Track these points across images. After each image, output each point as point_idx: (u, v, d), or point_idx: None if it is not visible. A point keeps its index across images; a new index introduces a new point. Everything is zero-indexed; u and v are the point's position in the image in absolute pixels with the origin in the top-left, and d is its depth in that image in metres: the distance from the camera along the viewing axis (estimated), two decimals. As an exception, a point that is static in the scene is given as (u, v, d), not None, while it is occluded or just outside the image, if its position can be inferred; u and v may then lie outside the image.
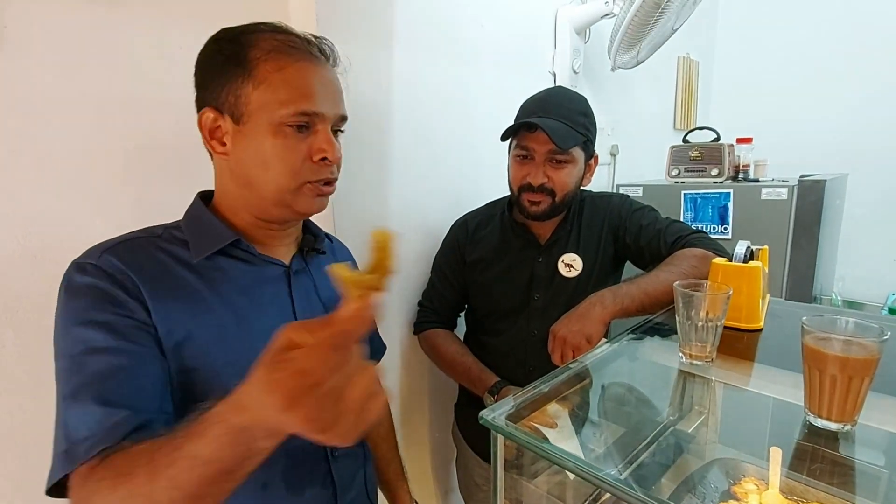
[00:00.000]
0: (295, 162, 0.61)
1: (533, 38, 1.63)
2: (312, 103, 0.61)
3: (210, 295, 0.61)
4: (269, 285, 0.67)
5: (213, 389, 0.55)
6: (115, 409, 0.50)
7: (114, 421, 0.49)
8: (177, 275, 0.60)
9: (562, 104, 1.03)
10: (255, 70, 0.59)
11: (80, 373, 0.51)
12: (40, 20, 0.75)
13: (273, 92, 0.59)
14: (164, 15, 0.86)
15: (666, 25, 1.62)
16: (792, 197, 1.64)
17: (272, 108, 0.59)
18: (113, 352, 0.52)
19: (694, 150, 1.86)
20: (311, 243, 0.74)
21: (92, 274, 0.55)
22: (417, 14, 1.21)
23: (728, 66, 2.95)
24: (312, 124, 0.62)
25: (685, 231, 1.03)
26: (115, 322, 0.54)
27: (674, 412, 0.71)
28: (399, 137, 1.20)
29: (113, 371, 0.52)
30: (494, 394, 1.05)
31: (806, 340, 0.54)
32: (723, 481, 0.59)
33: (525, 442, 0.54)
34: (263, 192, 0.63)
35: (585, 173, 1.10)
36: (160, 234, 0.63)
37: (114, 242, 0.60)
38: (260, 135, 0.60)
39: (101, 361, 0.52)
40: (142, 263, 0.58)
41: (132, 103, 0.84)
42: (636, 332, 0.84)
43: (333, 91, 0.65)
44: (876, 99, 2.47)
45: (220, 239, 0.63)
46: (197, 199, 0.68)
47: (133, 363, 0.53)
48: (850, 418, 0.53)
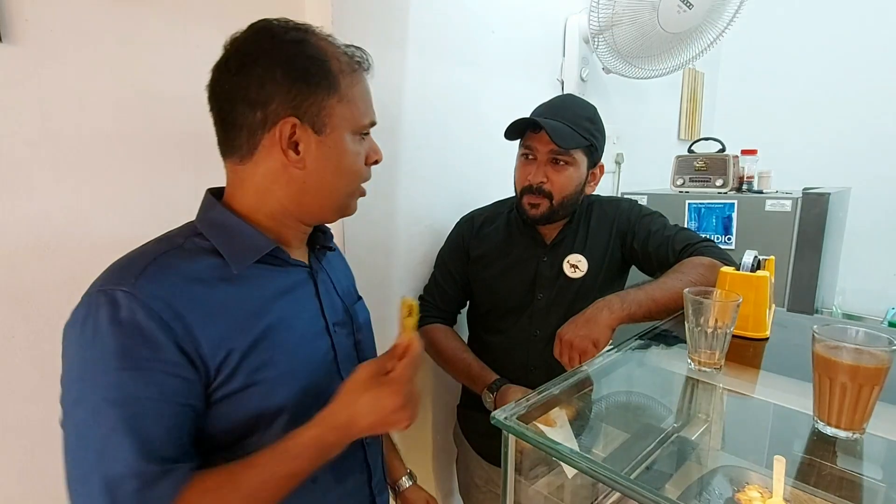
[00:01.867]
0: (361, 167, 0.67)
1: (542, 45, 1.65)
2: (374, 115, 0.68)
3: (254, 307, 0.59)
4: (299, 288, 0.67)
5: (274, 400, 0.59)
6: (166, 466, 0.49)
7: (169, 477, 0.49)
8: (218, 291, 0.57)
9: (568, 108, 1.05)
10: (339, 85, 0.62)
11: (121, 429, 0.48)
12: (61, 16, 0.76)
13: (353, 106, 0.64)
14: (182, 12, 0.87)
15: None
16: (796, 209, 1.65)
17: (353, 120, 0.64)
18: (159, 407, 0.50)
19: (699, 161, 1.87)
20: (322, 241, 0.75)
21: (128, 308, 0.50)
22: (429, 19, 1.22)
23: (733, 77, 2.96)
24: (367, 132, 0.68)
25: (693, 239, 1.03)
26: (159, 368, 0.50)
27: (680, 419, 0.71)
28: (409, 139, 1.21)
29: (161, 431, 0.50)
30: (494, 391, 1.05)
31: (817, 349, 0.54)
32: (727, 488, 0.59)
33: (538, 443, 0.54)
34: (332, 197, 0.66)
35: (589, 181, 1.10)
36: (182, 243, 0.59)
37: (143, 264, 0.54)
38: (341, 144, 0.63)
39: (147, 416, 0.49)
40: (181, 287, 0.54)
41: (149, 99, 0.85)
42: (643, 339, 0.85)
43: (372, 102, 0.70)
44: (880, 114, 2.48)
45: (258, 248, 0.62)
46: (213, 200, 0.64)
47: (180, 420, 0.52)
48: (859, 426, 0.53)
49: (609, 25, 1.63)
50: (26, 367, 0.78)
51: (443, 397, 1.42)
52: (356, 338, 0.75)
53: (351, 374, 0.59)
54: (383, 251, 1.19)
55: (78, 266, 0.80)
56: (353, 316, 0.75)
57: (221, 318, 0.55)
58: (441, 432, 1.44)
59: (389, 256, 1.21)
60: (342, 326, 0.71)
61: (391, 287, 1.22)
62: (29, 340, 0.78)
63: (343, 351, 0.70)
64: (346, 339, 0.72)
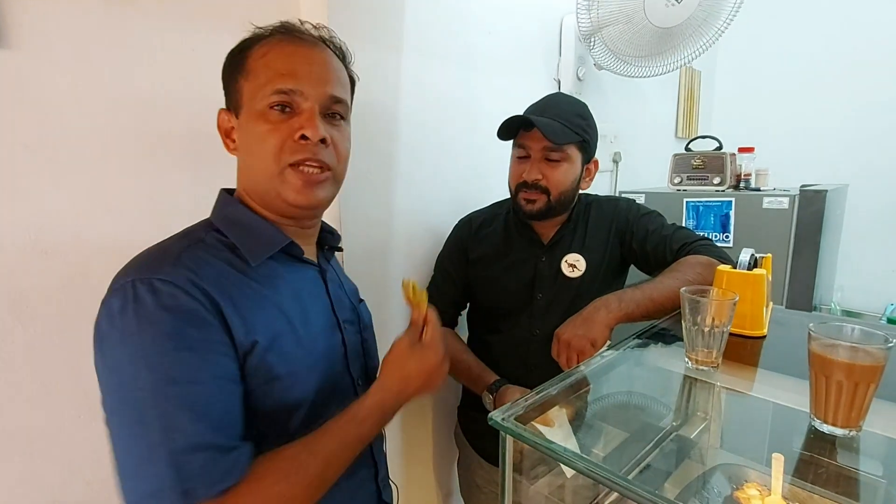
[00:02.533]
0: (276, 144, 0.59)
1: (538, 45, 1.65)
2: (290, 81, 0.59)
3: (277, 300, 0.60)
4: (311, 286, 0.68)
5: (294, 393, 0.59)
6: (232, 442, 0.50)
7: (234, 455, 0.50)
8: (243, 283, 0.58)
9: (559, 105, 1.06)
10: (246, 62, 0.61)
11: (187, 406, 0.48)
12: (55, 19, 0.76)
13: (256, 78, 0.60)
14: (178, 15, 0.87)
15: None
16: (793, 206, 1.65)
17: (256, 93, 0.59)
18: (218, 385, 0.51)
19: (696, 159, 1.87)
20: (331, 241, 0.76)
21: (169, 294, 0.50)
22: (426, 19, 1.22)
23: (730, 75, 2.97)
24: (295, 104, 0.60)
25: (691, 238, 1.04)
26: (213, 349, 0.51)
27: (678, 417, 0.71)
28: (406, 139, 1.21)
29: (223, 410, 0.51)
30: (493, 392, 1.05)
31: (812, 347, 0.54)
32: (726, 486, 0.59)
33: (534, 443, 0.54)
34: (259, 183, 0.62)
35: (584, 177, 1.11)
36: (203, 237, 0.59)
37: (175, 253, 0.55)
38: (251, 122, 0.60)
39: (210, 395, 0.50)
40: (213, 276, 0.55)
41: (145, 102, 0.85)
42: (641, 338, 0.85)
43: (323, 71, 0.62)
44: (878, 110, 2.49)
45: (274, 242, 0.62)
46: (228, 197, 0.65)
47: (235, 399, 0.53)
48: (856, 424, 0.53)
49: (599, 27, 1.63)
50: (24, 371, 0.78)
51: (443, 398, 1.42)
52: (362, 336, 0.76)
53: (390, 349, 0.66)
54: (381, 252, 1.19)
55: (75, 269, 0.80)
56: (359, 314, 0.77)
57: (248, 310, 0.56)
58: (442, 433, 1.44)
59: (387, 258, 1.21)
60: (351, 324, 0.73)
61: (389, 288, 1.22)
62: (27, 344, 0.77)
63: (352, 347, 0.71)
64: (354, 336, 0.73)
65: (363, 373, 0.75)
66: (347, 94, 0.67)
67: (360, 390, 0.72)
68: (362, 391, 0.71)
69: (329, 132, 0.62)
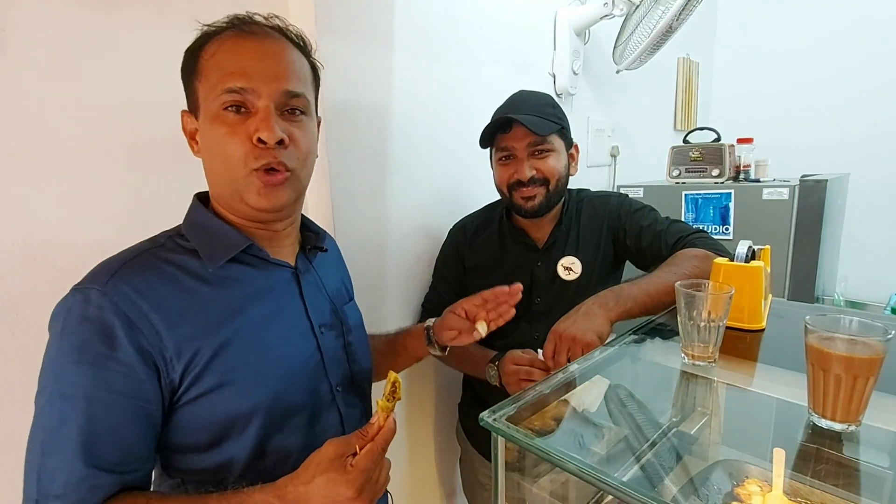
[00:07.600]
0: (236, 149, 0.57)
1: (533, 39, 1.63)
2: (240, 79, 0.56)
3: (228, 307, 0.59)
4: (280, 289, 0.66)
5: (244, 401, 0.58)
6: (98, 472, 0.50)
7: (91, 484, 0.50)
8: (191, 290, 0.57)
9: (528, 101, 1.07)
10: (198, 62, 0.59)
11: (68, 421, 0.49)
12: (39, 24, 0.75)
13: (208, 78, 0.58)
14: (163, 18, 0.86)
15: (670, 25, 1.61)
16: (793, 197, 1.64)
17: (209, 94, 0.58)
18: (106, 404, 0.51)
19: (694, 151, 1.86)
20: (313, 241, 0.74)
21: (96, 305, 0.51)
22: (416, 16, 1.21)
23: (728, 66, 2.94)
24: (249, 104, 0.57)
25: (686, 231, 1.02)
26: (112, 367, 0.51)
27: (676, 413, 0.70)
28: (399, 138, 1.20)
29: (105, 429, 0.51)
30: (496, 362, 1.02)
31: (809, 340, 0.53)
32: (726, 483, 0.59)
33: (525, 444, 0.53)
34: (223, 187, 0.61)
35: (570, 163, 1.12)
36: (163, 243, 0.60)
37: (119, 263, 0.55)
38: (207, 125, 0.58)
39: (94, 413, 0.50)
40: (153, 285, 0.55)
41: (131, 106, 0.84)
42: (638, 333, 0.84)
43: (276, 65, 0.58)
44: (877, 98, 2.46)
45: (233, 245, 0.61)
46: (196, 202, 0.65)
47: (126, 419, 0.52)
48: (855, 418, 0.52)
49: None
50: (14, 378, 0.77)
51: (444, 396, 1.41)
52: (346, 340, 0.74)
53: (317, 450, 0.54)
54: (375, 252, 1.19)
55: (64, 275, 0.78)
56: (342, 318, 0.74)
57: (191, 318, 0.56)
58: (443, 431, 1.43)
59: (382, 257, 1.20)
60: (330, 328, 0.70)
61: (384, 288, 1.21)
62: (16, 351, 0.77)
63: (330, 353, 0.69)
64: (334, 342, 0.71)
65: (345, 379, 0.72)
66: (307, 87, 0.63)
67: (338, 398, 0.70)
68: (341, 398, 0.69)
69: (288, 130, 0.59)
